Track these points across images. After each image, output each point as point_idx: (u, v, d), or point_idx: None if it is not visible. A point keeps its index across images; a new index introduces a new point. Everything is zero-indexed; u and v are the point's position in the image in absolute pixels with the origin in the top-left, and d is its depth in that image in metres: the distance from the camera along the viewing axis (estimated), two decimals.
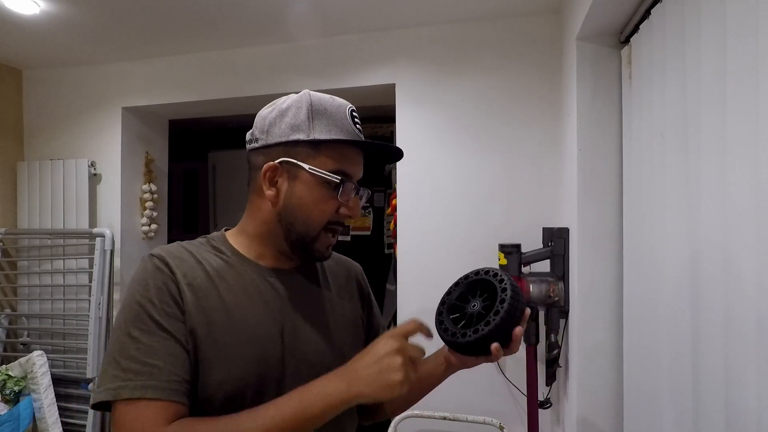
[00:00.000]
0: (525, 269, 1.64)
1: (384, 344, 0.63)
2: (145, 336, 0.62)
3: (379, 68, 2.02)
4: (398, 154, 0.79)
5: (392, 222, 2.16)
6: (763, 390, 0.69)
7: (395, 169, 2.06)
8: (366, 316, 0.89)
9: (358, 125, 0.75)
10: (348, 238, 3.11)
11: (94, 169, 2.36)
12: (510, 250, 1.60)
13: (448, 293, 0.82)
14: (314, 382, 0.63)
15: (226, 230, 0.81)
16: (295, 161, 0.70)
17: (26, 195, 2.40)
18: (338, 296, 0.84)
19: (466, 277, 0.82)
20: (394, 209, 2.06)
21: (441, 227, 1.93)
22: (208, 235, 0.79)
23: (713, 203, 0.84)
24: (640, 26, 1.22)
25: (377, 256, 2.99)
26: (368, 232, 3.08)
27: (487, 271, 0.79)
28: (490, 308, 0.73)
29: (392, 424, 1.82)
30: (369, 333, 0.88)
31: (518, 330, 0.73)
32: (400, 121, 2.00)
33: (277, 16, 1.86)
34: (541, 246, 1.67)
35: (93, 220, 2.36)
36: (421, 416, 1.79)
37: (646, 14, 1.18)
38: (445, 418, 1.76)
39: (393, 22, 1.94)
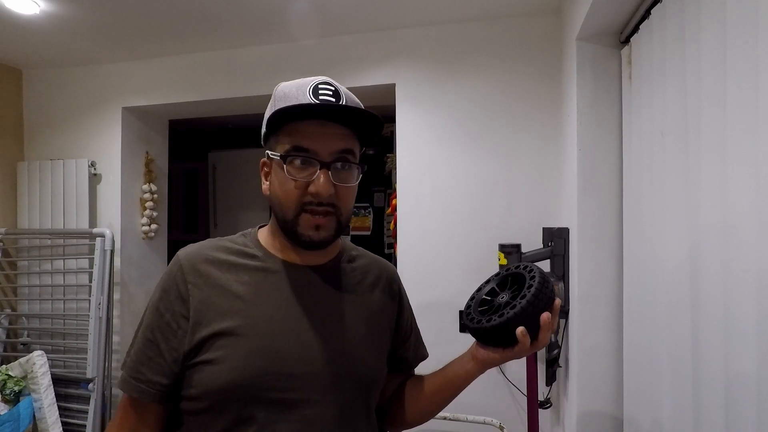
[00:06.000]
0: None
1: None
2: (146, 344, 0.71)
3: (379, 68, 2.02)
4: (373, 119, 0.71)
5: (392, 222, 2.16)
6: (763, 390, 0.69)
7: (395, 168, 2.06)
8: (396, 318, 0.86)
9: (322, 96, 0.70)
10: (348, 239, 3.11)
11: (94, 169, 2.36)
12: (510, 250, 1.60)
13: (479, 289, 0.80)
14: None
15: (261, 227, 0.81)
16: (268, 152, 0.73)
17: (26, 195, 2.39)
18: (366, 296, 0.81)
19: (497, 274, 0.80)
20: (394, 209, 2.06)
21: (441, 227, 1.93)
22: (244, 231, 0.81)
23: (713, 203, 0.84)
24: (640, 26, 1.22)
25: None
26: (368, 232, 3.08)
27: (517, 266, 0.77)
28: (518, 296, 0.71)
29: None
30: (397, 337, 0.85)
31: (546, 316, 0.68)
32: (400, 121, 2.00)
33: (277, 16, 1.86)
34: (541, 246, 1.67)
35: (93, 220, 2.36)
36: None
37: (646, 14, 1.18)
38: (445, 418, 1.76)
39: (393, 22, 1.94)
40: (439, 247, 1.93)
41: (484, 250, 1.83)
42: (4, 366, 2.06)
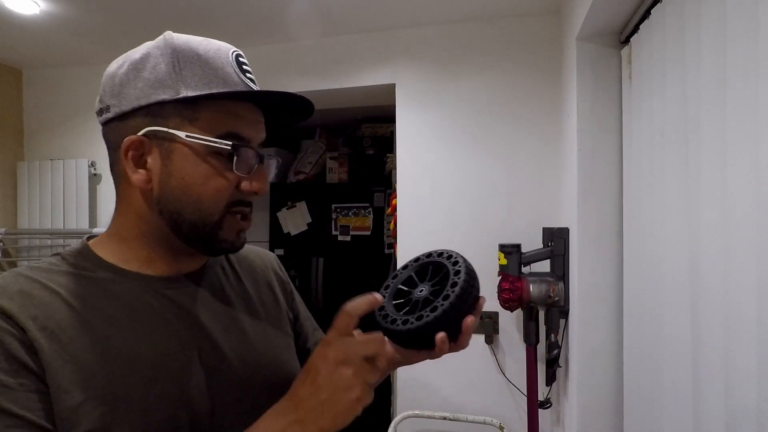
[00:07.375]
0: (525, 269, 1.64)
1: (322, 358, 0.51)
2: None
3: (379, 68, 2.02)
4: (305, 104, 0.61)
5: (392, 222, 2.16)
6: (764, 390, 0.69)
7: (395, 168, 2.06)
8: (290, 309, 0.77)
9: (248, 74, 0.60)
10: (348, 239, 3.10)
11: (94, 169, 2.36)
12: (510, 250, 1.60)
13: (394, 277, 0.70)
14: (261, 422, 0.52)
15: (89, 239, 0.61)
16: (166, 129, 0.54)
17: (26, 195, 2.40)
18: (257, 293, 0.70)
19: (417, 259, 0.72)
20: (394, 209, 2.06)
21: (441, 227, 1.93)
22: (63, 251, 0.59)
23: (713, 203, 0.84)
24: (640, 26, 1.22)
25: (377, 256, 2.99)
26: (368, 232, 3.08)
27: (440, 253, 0.70)
28: (439, 294, 0.62)
29: (392, 424, 1.82)
30: (298, 328, 0.78)
31: (470, 320, 0.60)
32: (400, 121, 2.00)
33: (277, 16, 1.86)
34: (541, 246, 1.67)
35: (93, 220, 2.36)
36: (421, 416, 1.79)
37: (646, 14, 1.18)
38: (445, 418, 1.76)
39: (393, 22, 1.94)
40: (440, 248, 1.92)
41: (484, 250, 1.83)
42: None
